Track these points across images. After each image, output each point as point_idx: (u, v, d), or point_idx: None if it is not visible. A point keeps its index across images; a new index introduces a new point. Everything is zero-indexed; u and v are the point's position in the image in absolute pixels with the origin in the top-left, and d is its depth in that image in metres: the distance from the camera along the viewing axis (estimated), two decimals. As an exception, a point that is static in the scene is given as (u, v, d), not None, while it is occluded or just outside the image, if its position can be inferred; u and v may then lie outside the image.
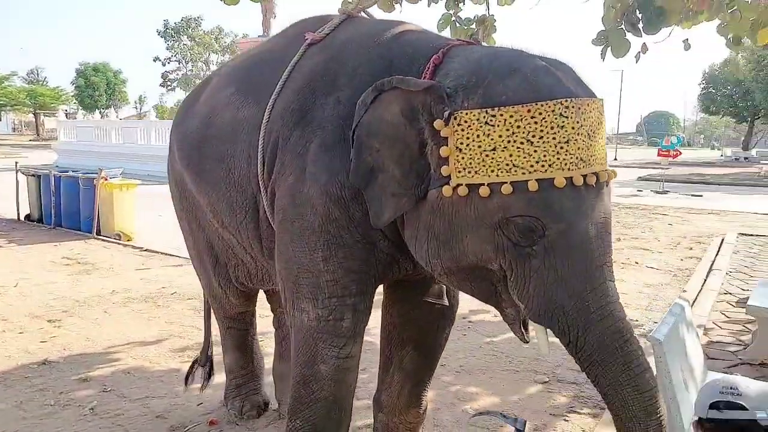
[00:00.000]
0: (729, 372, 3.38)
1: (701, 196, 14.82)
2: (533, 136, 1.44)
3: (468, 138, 1.49)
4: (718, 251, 7.21)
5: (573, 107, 1.46)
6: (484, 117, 1.47)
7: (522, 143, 1.44)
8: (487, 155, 1.47)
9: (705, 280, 5.77)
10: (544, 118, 1.44)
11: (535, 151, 1.44)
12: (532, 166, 1.44)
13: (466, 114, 1.49)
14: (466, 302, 2.41)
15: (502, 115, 1.45)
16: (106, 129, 22.00)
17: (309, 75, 1.97)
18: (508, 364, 3.79)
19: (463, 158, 1.50)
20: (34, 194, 8.89)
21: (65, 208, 8.34)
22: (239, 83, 2.23)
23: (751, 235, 8.61)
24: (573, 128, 1.45)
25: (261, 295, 2.93)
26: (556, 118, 1.44)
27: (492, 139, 1.46)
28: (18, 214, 9.14)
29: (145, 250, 7.08)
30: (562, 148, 1.44)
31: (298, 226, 1.87)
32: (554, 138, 1.44)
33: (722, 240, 7.98)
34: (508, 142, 1.45)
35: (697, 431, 1.41)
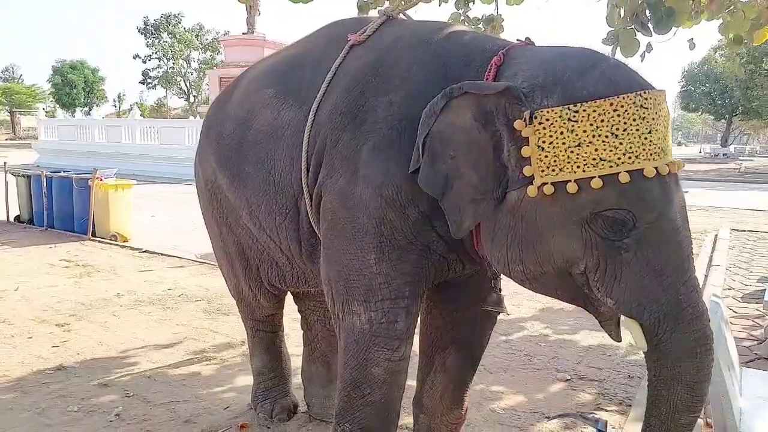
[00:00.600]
0: (747, 367, 3.44)
1: (687, 192, 15.03)
2: (617, 129, 1.44)
3: (551, 136, 1.48)
4: (714, 247, 7.34)
5: (651, 99, 1.47)
6: (567, 114, 1.47)
7: (607, 137, 1.44)
8: (572, 151, 1.46)
9: (706, 277, 5.86)
10: (626, 111, 1.44)
11: (621, 143, 1.44)
12: (619, 158, 1.44)
13: (547, 112, 1.49)
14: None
15: (585, 110, 1.45)
16: (88, 127, 21.63)
17: (356, 76, 1.95)
18: (528, 362, 3.81)
19: (546, 156, 1.49)
20: (24, 195, 8.68)
21: (58, 209, 8.16)
22: (278, 85, 2.20)
23: (743, 230, 8.79)
24: (653, 119, 1.46)
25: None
26: (637, 110, 1.45)
27: (576, 135, 1.46)
28: (7, 215, 8.94)
29: (145, 251, 6.97)
30: (646, 138, 1.45)
31: (350, 228, 1.86)
32: (638, 129, 1.44)
33: (716, 236, 8.13)
34: (593, 136, 1.45)
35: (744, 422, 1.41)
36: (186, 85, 49.66)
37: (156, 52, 47.77)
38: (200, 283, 5.65)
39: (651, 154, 1.45)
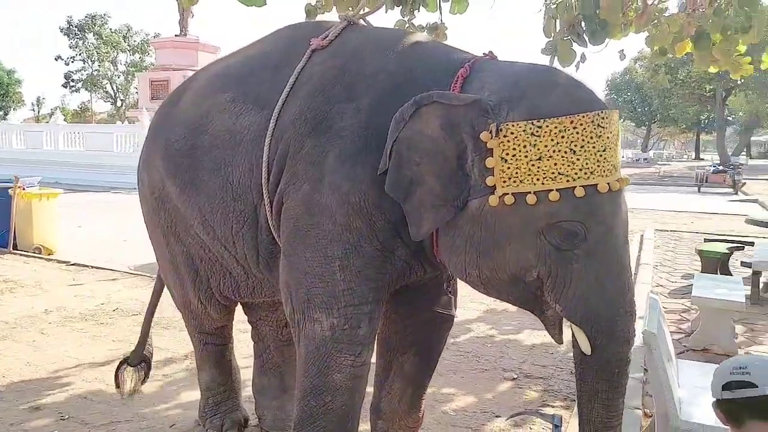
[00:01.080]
0: (679, 359, 3.66)
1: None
2: (576, 145, 1.51)
3: (514, 149, 1.54)
4: (641, 247, 7.78)
5: (607, 118, 1.55)
6: (530, 128, 1.53)
7: (566, 152, 1.51)
8: (533, 164, 1.52)
9: (636, 275, 6.20)
10: (585, 128, 1.52)
11: (578, 159, 1.51)
12: (576, 173, 1.51)
13: (512, 126, 1.54)
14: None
15: (547, 126, 1.52)
16: (5, 133, 20.27)
17: (321, 82, 1.93)
18: (477, 364, 3.88)
19: (509, 168, 1.54)
20: (-67, 206, 7.99)
21: (-27, 221, 7.56)
22: (235, 89, 2.14)
23: (666, 230, 9.37)
24: (608, 137, 1.55)
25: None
26: (595, 128, 1.52)
27: (538, 149, 1.52)
28: None
29: (73, 264, 6.58)
30: (601, 155, 1.53)
31: (313, 235, 1.83)
32: (594, 147, 1.52)
33: (642, 236, 8.61)
34: (554, 151, 1.51)
35: (716, 412, 1.51)
36: (113, 88, 47.44)
37: (80, 54, 45.38)
38: (136, 296, 5.39)
39: (604, 171, 1.53)
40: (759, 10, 3.76)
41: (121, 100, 47.55)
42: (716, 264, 5.63)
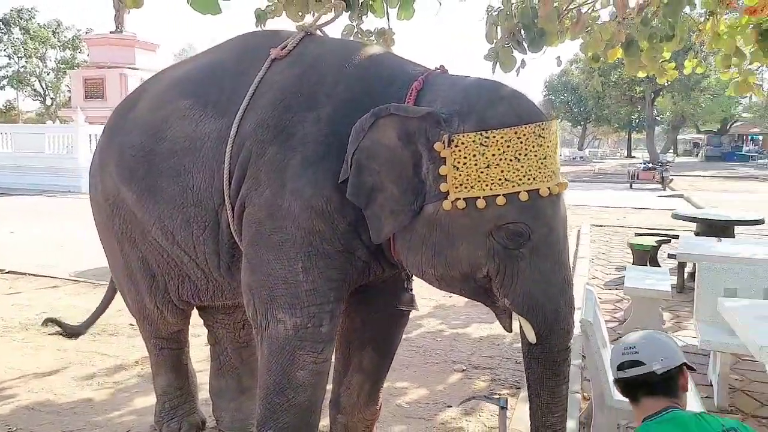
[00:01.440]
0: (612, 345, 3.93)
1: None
2: (520, 154, 1.66)
3: (465, 158, 1.67)
4: (578, 241, 8.19)
5: (547, 128, 1.70)
6: (479, 139, 1.66)
7: (511, 160, 1.65)
8: (482, 172, 1.66)
9: (574, 267, 6.54)
10: (527, 139, 1.66)
11: (522, 166, 1.66)
12: (520, 179, 1.66)
13: (463, 137, 1.67)
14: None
15: (494, 136, 1.65)
16: None
17: (282, 91, 2.00)
18: (428, 358, 4.03)
19: (460, 175, 1.67)
20: None
21: None
22: (195, 96, 2.16)
23: (601, 225, 9.89)
24: (548, 146, 1.70)
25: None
26: (536, 138, 1.67)
27: (486, 158, 1.65)
28: None
29: (8, 272, 6.28)
30: (542, 163, 1.68)
31: (276, 239, 1.90)
32: (536, 155, 1.67)
33: (579, 231, 9.06)
34: (500, 159, 1.65)
35: (618, 391, 1.68)
36: (42, 86, 44.96)
37: (5, 49, 42.77)
38: (79, 303, 5.23)
39: (545, 177, 1.69)
40: (681, 20, 4.10)
41: (51, 98, 45.13)
42: (646, 256, 6.04)
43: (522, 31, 4.18)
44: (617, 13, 4.10)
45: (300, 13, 3.83)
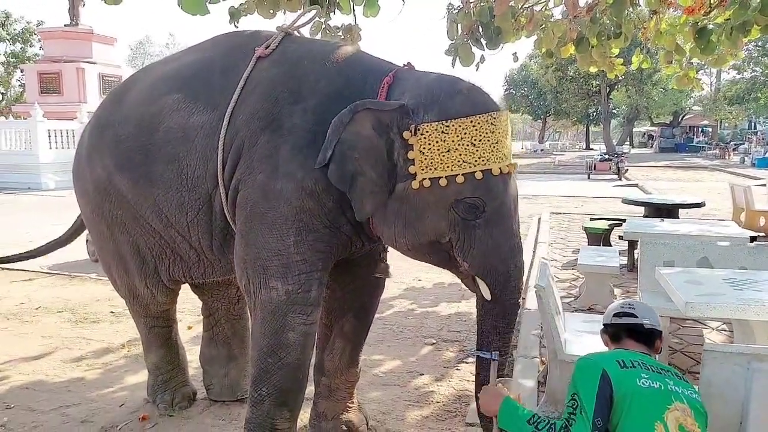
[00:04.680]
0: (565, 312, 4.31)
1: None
2: (475, 140, 1.95)
3: (429, 144, 1.96)
4: (539, 228, 8.64)
5: (498, 117, 2.00)
6: (440, 127, 1.95)
7: (468, 146, 1.95)
8: (444, 156, 1.95)
9: (534, 252, 6.96)
10: (481, 126, 1.96)
11: (477, 150, 1.95)
12: (476, 161, 1.95)
13: (427, 126, 1.96)
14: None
15: (453, 125, 1.95)
16: None
17: (270, 86, 2.24)
18: (401, 334, 4.33)
19: (425, 159, 1.96)
20: None
21: None
22: (186, 90, 2.38)
23: (560, 213, 10.41)
24: (500, 133, 2.00)
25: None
26: (489, 126, 1.97)
27: (446, 144, 1.95)
28: None
29: (-21, 267, 6.27)
30: (494, 147, 1.98)
31: (270, 216, 2.15)
32: (489, 140, 1.97)
33: (539, 219, 9.53)
34: (459, 144, 1.95)
35: (602, 336, 2.01)
36: (-9, 80, 43.21)
37: (-50, 42, 40.89)
38: (57, 294, 5.33)
39: (497, 159, 1.98)
40: (626, 19, 4.47)
41: (2, 93, 43.50)
42: (599, 238, 6.48)
43: (480, 29, 4.51)
44: (568, 11, 4.44)
45: (271, 11, 4.06)
